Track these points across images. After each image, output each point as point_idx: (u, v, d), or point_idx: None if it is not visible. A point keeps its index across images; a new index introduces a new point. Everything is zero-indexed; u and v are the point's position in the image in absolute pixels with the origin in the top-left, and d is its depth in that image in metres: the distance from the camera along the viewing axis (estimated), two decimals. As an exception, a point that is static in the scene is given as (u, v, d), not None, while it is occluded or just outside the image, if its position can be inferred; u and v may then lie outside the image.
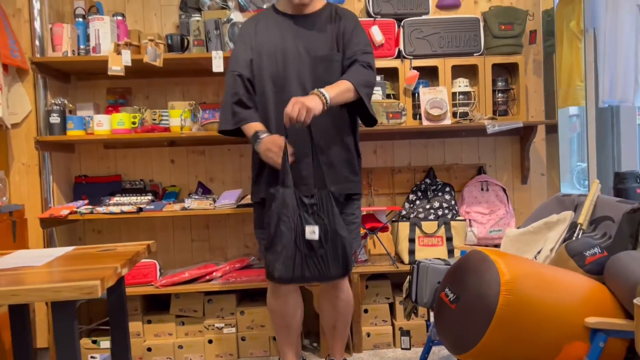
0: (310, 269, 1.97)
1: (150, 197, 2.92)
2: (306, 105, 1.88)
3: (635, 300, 1.19)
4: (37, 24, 2.81)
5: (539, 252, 2.26)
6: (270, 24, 2.20)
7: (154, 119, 2.99)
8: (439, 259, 2.19)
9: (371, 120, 2.24)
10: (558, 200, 2.40)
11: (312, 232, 1.94)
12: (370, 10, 3.00)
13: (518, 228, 2.60)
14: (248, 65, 2.17)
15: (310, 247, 1.95)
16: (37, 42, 2.79)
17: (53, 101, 2.82)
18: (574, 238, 2.00)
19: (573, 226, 2.11)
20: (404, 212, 3.07)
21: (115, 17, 2.85)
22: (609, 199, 2.03)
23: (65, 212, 2.72)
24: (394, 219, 3.04)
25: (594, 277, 1.63)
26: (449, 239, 2.94)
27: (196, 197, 2.90)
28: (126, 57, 2.68)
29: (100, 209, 2.76)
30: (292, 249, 1.94)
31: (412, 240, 2.94)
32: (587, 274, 1.63)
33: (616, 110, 3.12)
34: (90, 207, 2.81)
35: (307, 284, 2.58)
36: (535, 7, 3.21)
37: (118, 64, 2.67)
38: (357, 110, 2.21)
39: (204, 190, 3.12)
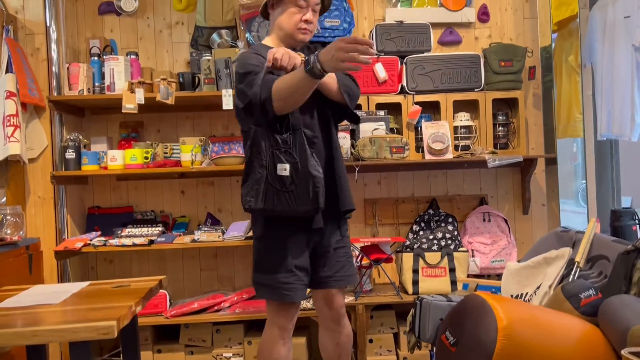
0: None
1: (160, 229, 3.01)
2: (289, 54, 1.88)
3: (623, 352, 1.26)
4: (54, 63, 2.93)
5: (538, 288, 2.33)
6: None
7: (166, 152, 3.10)
8: (440, 294, 2.26)
9: (355, 118, 2.18)
10: (557, 235, 2.47)
11: None
12: (374, 48, 3.11)
13: (518, 262, 2.67)
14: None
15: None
16: (54, 81, 2.91)
17: (68, 136, 2.93)
18: (571, 276, 2.07)
19: (571, 263, 2.18)
20: (407, 243, 3.15)
21: (129, 56, 2.97)
22: (605, 238, 2.10)
23: (79, 244, 2.81)
24: (398, 250, 3.11)
25: (589, 319, 1.70)
26: (452, 270, 3.01)
27: (205, 228, 2.98)
28: (139, 96, 2.79)
29: (112, 241, 2.85)
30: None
31: (415, 271, 3.02)
32: (582, 315, 1.70)
33: (615, 141, 3.20)
34: (103, 238, 2.90)
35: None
36: (534, 44, 3.31)
37: (132, 102, 2.78)
38: (341, 114, 2.16)
39: (213, 221, 3.21)
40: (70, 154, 2.87)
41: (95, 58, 2.97)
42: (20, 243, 2.57)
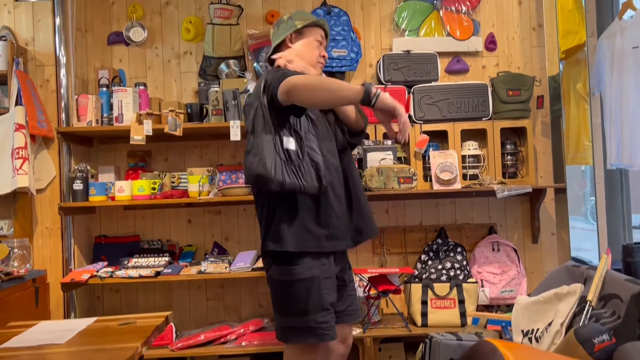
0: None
1: (167, 259, 3.00)
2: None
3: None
4: (63, 94, 2.95)
5: (549, 324, 2.30)
6: None
7: (173, 182, 3.10)
8: (450, 332, 2.22)
9: (354, 144, 2.26)
10: (568, 270, 2.44)
11: None
12: (382, 77, 3.11)
13: (529, 295, 2.63)
14: None
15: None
16: (63, 112, 2.93)
17: (76, 167, 2.94)
18: (583, 316, 2.03)
19: (582, 301, 2.15)
20: (416, 273, 3.12)
21: (137, 87, 2.99)
22: (617, 277, 2.07)
23: (85, 276, 2.80)
24: (406, 280, 3.08)
25: (603, 364, 1.66)
26: (461, 302, 2.97)
27: (212, 259, 2.97)
28: (147, 127, 2.80)
29: (119, 273, 2.84)
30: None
31: (424, 303, 2.98)
32: (596, 361, 1.67)
33: (625, 169, 3.17)
34: (109, 269, 2.89)
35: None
36: (542, 72, 3.30)
37: (140, 134, 2.79)
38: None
39: (220, 251, 3.19)
40: (78, 185, 2.88)
41: (104, 89, 2.99)
42: (27, 276, 2.57)
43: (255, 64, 3.23)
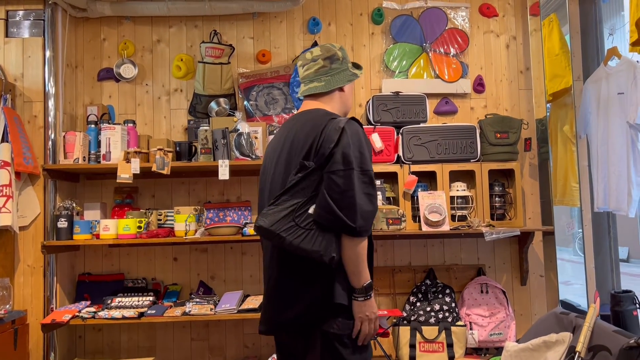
0: None
1: (151, 298, 2.94)
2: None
3: None
4: (51, 131, 2.93)
5: (538, 374, 2.27)
6: None
7: (160, 220, 3.06)
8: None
9: None
10: (557, 317, 2.42)
11: None
12: (371, 118, 3.13)
13: (517, 341, 2.61)
14: None
15: None
16: (50, 149, 2.91)
17: (62, 204, 2.90)
18: (572, 369, 2.01)
19: (571, 351, 2.13)
20: (404, 314, 3.08)
21: (126, 124, 2.98)
22: (606, 328, 2.05)
23: (67, 317, 2.73)
24: (394, 323, 3.04)
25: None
26: (450, 345, 2.93)
27: (197, 299, 2.92)
28: (135, 166, 2.78)
29: (101, 314, 2.77)
30: None
31: (412, 346, 2.94)
32: (585, 420, 1.64)
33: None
34: (92, 309, 2.83)
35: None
36: (529, 114, 3.34)
37: (127, 172, 2.77)
38: None
39: (205, 290, 3.14)
40: (62, 223, 2.83)
41: (92, 126, 2.97)
42: (5, 318, 2.50)
43: (245, 102, 3.24)
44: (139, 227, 2.88)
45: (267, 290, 1.81)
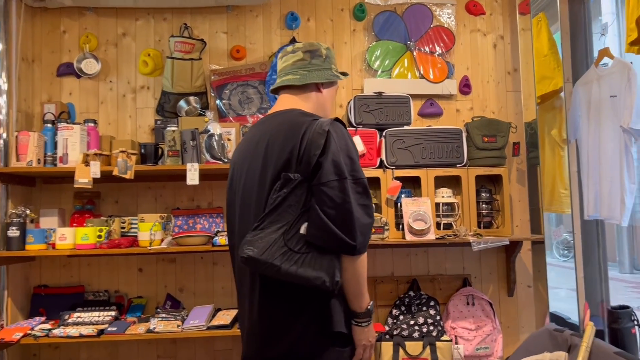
0: None
1: (113, 313, 2.70)
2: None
3: None
4: (2, 130, 2.67)
5: (532, 397, 2.11)
6: None
7: (123, 228, 2.82)
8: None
9: None
10: (550, 335, 2.26)
11: None
12: (352, 120, 2.94)
13: (507, 359, 2.44)
14: None
15: None
16: (1, 150, 2.65)
17: (14, 211, 2.64)
18: (571, 394, 1.85)
19: (569, 373, 1.97)
20: (387, 328, 2.90)
21: (86, 124, 2.73)
22: (605, 349, 1.90)
23: (18, 335, 2.48)
24: (377, 337, 2.85)
25: None
26: (435, 362, 2.76)
27: (163, 315, 2.69)
28: (95, 169, 2.54)
29: (56, 332, 2.52)
30: None
31: (395, 363, 2.76)
32: None
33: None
34: (47, 326, 2.58)
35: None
36: (517, 117, 3.19)
37: (86, 177, 2.53)
38: None
39: (173, 304, 2.91)
40: (13, 232, 2.57)
41: (49, 125, 2.72)
42: (-56, 339, 2.24)
43: (218, 101, 3.02)
44: (99, 237, 2.64)
45: (248, 324, 1.56)
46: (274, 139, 1.52)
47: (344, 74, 1.75)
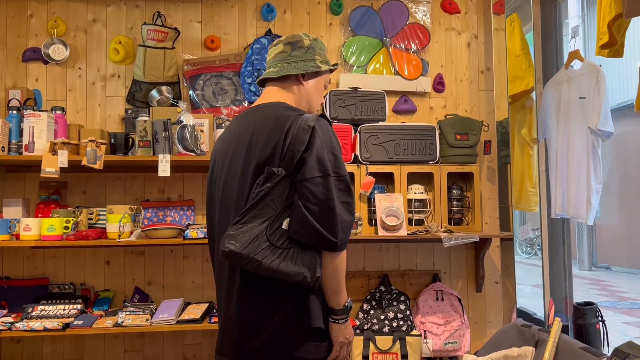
0: None
1: (79, 307, 2.63)
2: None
3: None
4: (-37, 116, 2.56)
5: (499, 391, 2.15)
6: None
7: (91, 219, 2.76)
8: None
9: None
10: (518, 330, 2.31)
11: None
12: (328, 114, 2.93)
13: (476, 354, 2.49)
14: None
15: None
16: (-39, 136, 2.54)
17: (-25, 200, 2.55)
18: (538, 388, 1.89)
19: (535, 368, 2.02)
20: (357, 323, 2.91)
21: (53, 112, 2.64)
22: (572, 345, 1.95)
23: (-23, 328, 2.39)
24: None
25: None
26: (404, 356, 2.79)
27: (131, 308, 2.63)
28: (62, 158, 2.46)
29: (19, 325, 2.45)
30: None
31: (365, 357, 2.78)
32: None
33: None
34: (9, 319, 2.49)
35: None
36: (489, 116, 3.24)
37: (53, 166, 2.45)
38: None
39: (141, 297, 2.86)
40: (-26, 222, 2.48)
41: (14, 112, 2.62)
42: None
43: (191, 92, 2.97)
44: (66, 228, 2.56)
45: (225, 319, 1.54)
46: (258, 132, 1.50)
47: (334, 65, 1.73)
